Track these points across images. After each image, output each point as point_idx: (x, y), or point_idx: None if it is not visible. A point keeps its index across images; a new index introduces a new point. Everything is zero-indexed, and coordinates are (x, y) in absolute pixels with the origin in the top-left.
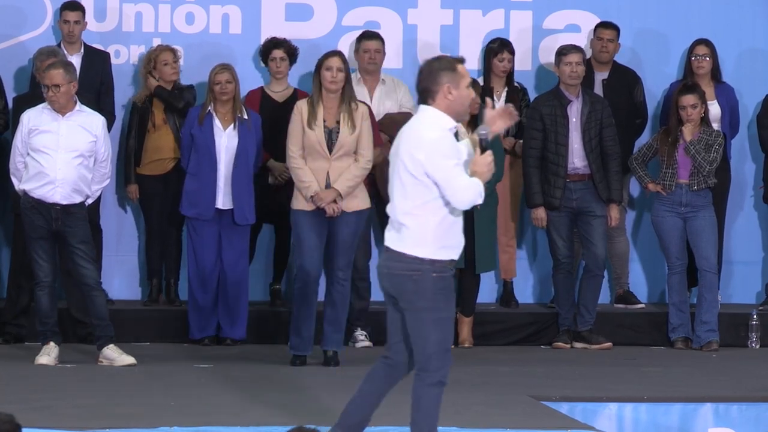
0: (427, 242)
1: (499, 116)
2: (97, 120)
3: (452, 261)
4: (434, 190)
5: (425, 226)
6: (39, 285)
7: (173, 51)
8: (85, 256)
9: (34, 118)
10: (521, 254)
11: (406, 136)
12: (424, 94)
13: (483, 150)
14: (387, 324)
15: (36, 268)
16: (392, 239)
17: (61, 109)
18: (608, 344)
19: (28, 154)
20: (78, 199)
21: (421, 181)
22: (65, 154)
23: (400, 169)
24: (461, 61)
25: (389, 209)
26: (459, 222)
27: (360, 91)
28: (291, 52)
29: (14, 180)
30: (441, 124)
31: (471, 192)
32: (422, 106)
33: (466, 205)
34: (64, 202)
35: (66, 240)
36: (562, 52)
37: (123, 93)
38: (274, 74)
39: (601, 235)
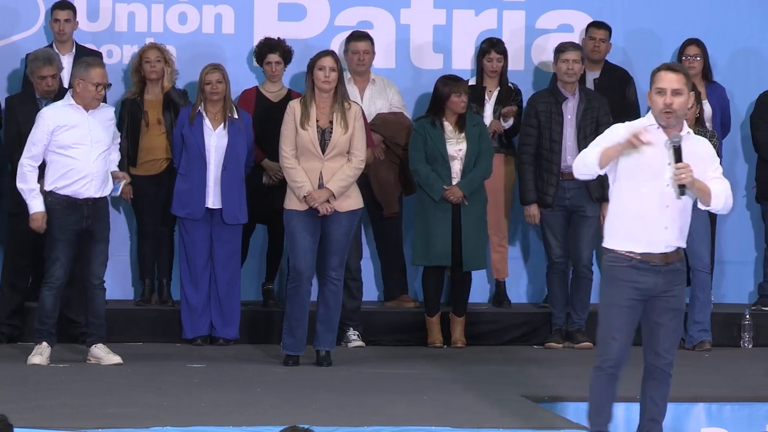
0: (608, 232)
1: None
2: (111, 111)
3: (632, 252)
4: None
5: (608, 216)
6: (49, 285)
7: (159, 49)
8: (101, 255)
9: (56, 115)
10: (513, 254)
11: None
12: None
13: (677, 155)
14: None
15: (53, 268)
16: None
17: (88, 106)
18: (588, 344)
19: (52, 152)
20: (107, 191)
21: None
22: (97, 148)
23: None
24: (664, 68)
25: None
26: (649, 215)
27: (350, 91)
28: (286, 55)
29: (24, 183)
30: (639, 121)
31: (578, 161)
32: None
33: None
34: (97, 195)
35: (92, 237)
36: (560, 49)
37: (115, 93)
38: (270, 78)
39: (589, 237)
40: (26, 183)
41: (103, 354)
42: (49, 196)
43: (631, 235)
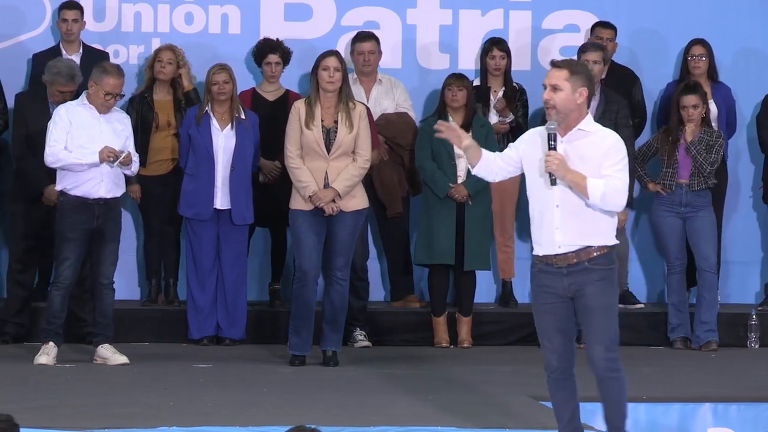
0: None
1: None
2: (126, 117)
3: (537, 256)
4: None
5: None
6: (58, 285)
7: (173, 51)
8: (111, 255)
9: (70, 113)
10: (519, 254)
11: None
12: None
13: (549, 143)
14: None
15: (62, 267)
16: None
17: (99, 109)
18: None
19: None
20: (119, 193)
21: None
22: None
23: None
24: (551, 63)
25: None
26: (542, 217)
27: (356, 91)
28: (285, 56)
29: (65, 158)
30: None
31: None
32: None
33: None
34: (108, 196)
35: (103, 237)
36: (582, 49)
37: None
38: (268, 78)
39: None
40: (66, 157)
41: (109, 354)
42: (60, 196)
43: (534, 238)
